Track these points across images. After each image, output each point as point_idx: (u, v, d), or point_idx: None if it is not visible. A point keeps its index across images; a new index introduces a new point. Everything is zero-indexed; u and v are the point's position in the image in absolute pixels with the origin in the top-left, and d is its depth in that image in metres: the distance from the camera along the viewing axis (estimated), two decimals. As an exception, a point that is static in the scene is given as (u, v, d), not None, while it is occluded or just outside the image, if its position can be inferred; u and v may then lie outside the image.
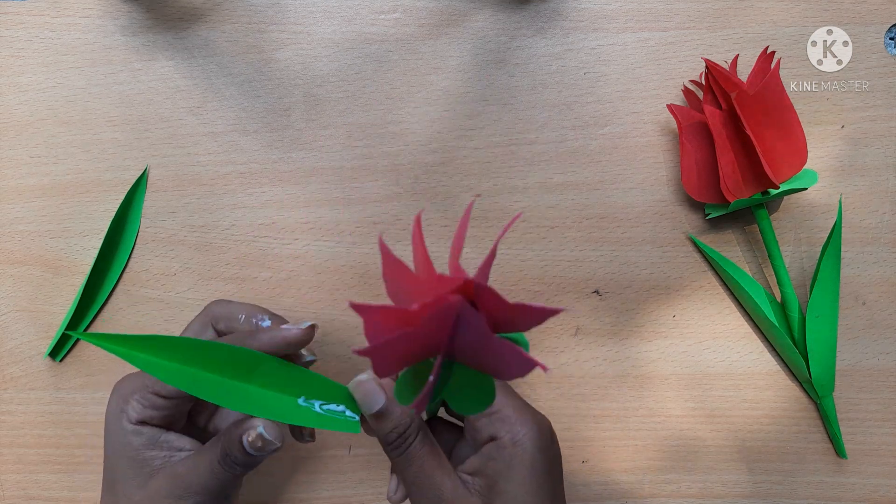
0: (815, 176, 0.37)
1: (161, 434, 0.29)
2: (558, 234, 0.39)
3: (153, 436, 0.28)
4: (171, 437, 0.29)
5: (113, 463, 0.29)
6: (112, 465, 0.29)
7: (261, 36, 0.40)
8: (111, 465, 0.29)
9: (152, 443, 0.28)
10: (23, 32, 0.40)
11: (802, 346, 0.37)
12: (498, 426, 0.28)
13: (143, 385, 0.29)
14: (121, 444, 0.28)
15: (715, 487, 0.39)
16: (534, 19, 0.39)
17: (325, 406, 0.28)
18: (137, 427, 0.28)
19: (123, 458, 0.28)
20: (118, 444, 0.28)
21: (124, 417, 0.28)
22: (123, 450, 0.28)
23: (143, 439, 0.28)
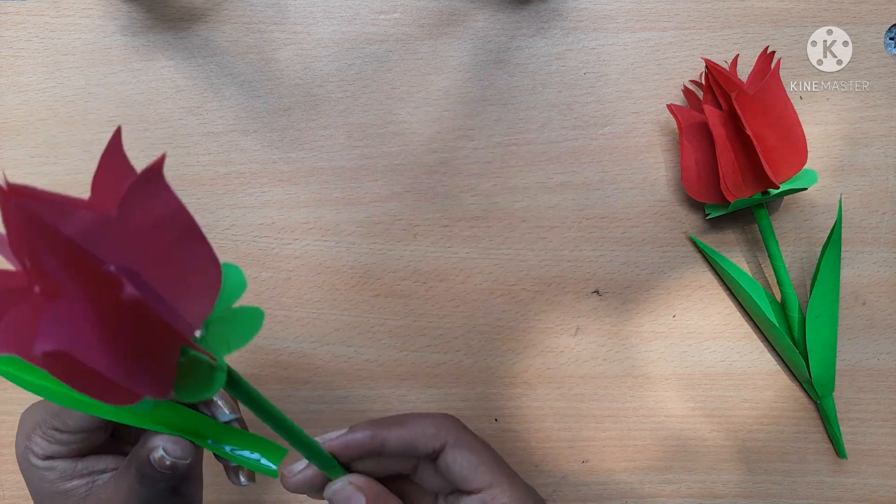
0: (815, 176, 0.37)
1: (77, 463, 0.26)
2: (558, 234, 0.39)
3: (67, 468, 0.26)
4: (90, 462, 0.27)
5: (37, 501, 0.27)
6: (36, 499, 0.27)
7: (261, 36, 0.40)
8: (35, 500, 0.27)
9: (69, 474, 0.26)
10: (23, 32, 0.40)
11: (802, 346, 0.37)
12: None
13: (42, 420, 0.26)
14: (37, 481, 0.26)
15: (715, 487, 0.39)
16: (534, 19, 0.39)
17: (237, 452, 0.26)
18: (48, 462, 0.26)
19: (43, 494, 0.26)
20: (34, 480, 0.26)
21: (31, 454, 0.26)
22: (41, 486, 0.26)
23: (56, 474, 0.26)
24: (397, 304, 0.39)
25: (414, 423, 0.27)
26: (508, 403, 0.39)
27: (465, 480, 0.27)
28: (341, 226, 0.39)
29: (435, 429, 0.27)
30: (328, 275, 0.39)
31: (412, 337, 0.39)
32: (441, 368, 0.39)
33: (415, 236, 0.39)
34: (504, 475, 0.27)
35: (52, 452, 0.26)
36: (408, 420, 0.28)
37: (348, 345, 0.39)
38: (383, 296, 0.39)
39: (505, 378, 0.39)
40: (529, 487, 0.28)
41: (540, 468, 0.39)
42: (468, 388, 0.39)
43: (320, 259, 0.39)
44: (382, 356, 0.39)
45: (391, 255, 0.39)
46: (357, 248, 0.39)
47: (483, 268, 0.39)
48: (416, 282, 0.39)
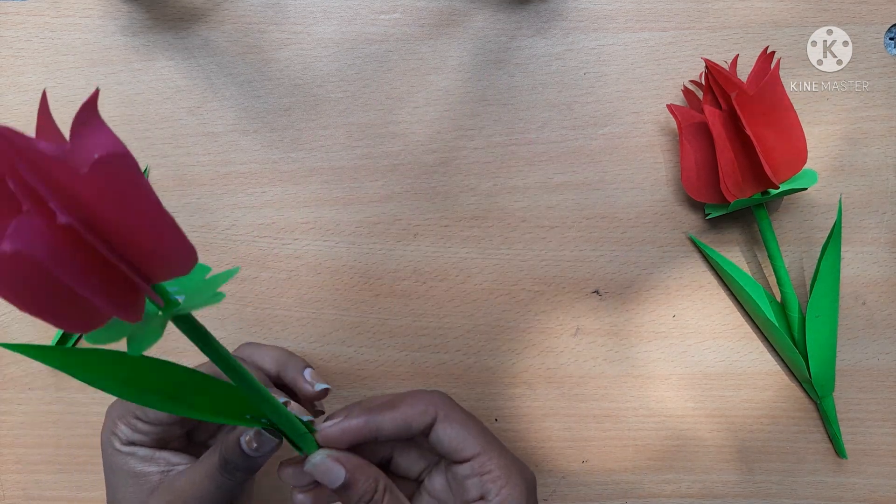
0: (815, 176, 0.37)
1: (154, 453, 0.29)
2: (558, 234, 0.39)
3: (145, 454, 0.29)
4: (166, 455, 0.29)
5: (113, 483, 0.29)
6: (112, 484, 0.29)
7: (261, 36, 0.40)
8: (111, 485, 0.29)
9: (147, 460, 0.29)
10: (23, 32, 0.40)
11: (802, 346, 0.37)
12: (489, 486, 0.28)
13: (127, 410, 0.29)
14: (117, 464, 0.29)
15: (715, 487, 0.39)
16: (534, 19, 0.39)
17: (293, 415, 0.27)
18: (130, 447, 0.29)
19: (121, 476, 0.29)
20: (114, 463, 0.29)
21: (115, 440, 0.29)
22: (120, 468, 0.29)
23: (135, 459, 0.29)
24: (397, 304, 0.39)
25: (405, 404, 0.29)
26: (508, 403, 0.39)
27: (456, 451, 0.28)
28: (341, 226, 0.39)
29: (425, 405, 0.29)
30: (328, 275, 0.39)
31: (412, 337, 0.39)
32: (441, 368, 0.39)
33: (415, 236, 0.39)
34: (492, 445, 0.29)
35: (133, 439, 0.29)
36: (399, 401, 0.29)
37: (348, 345, 0.39)
38: (383, 296, 0.39)
39: (505, 378, 0.39)
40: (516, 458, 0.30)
41: (540, 468, 0.39)
42: (468, 388, 0.39)
43: (320, 259, 0.39)
44: (382, 356, 0.39)
45: (391, 255, 0.39)
46: (357, 248, 0.39)
47: (483, 268, 0.39)
48: (416, 282, 0.39)
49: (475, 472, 0.28)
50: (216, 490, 0.28)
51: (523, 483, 0.28)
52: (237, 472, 0.28)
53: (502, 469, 0.28)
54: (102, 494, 0.39)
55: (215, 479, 0.28)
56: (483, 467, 0.28)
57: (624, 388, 0.39)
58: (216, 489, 0.28)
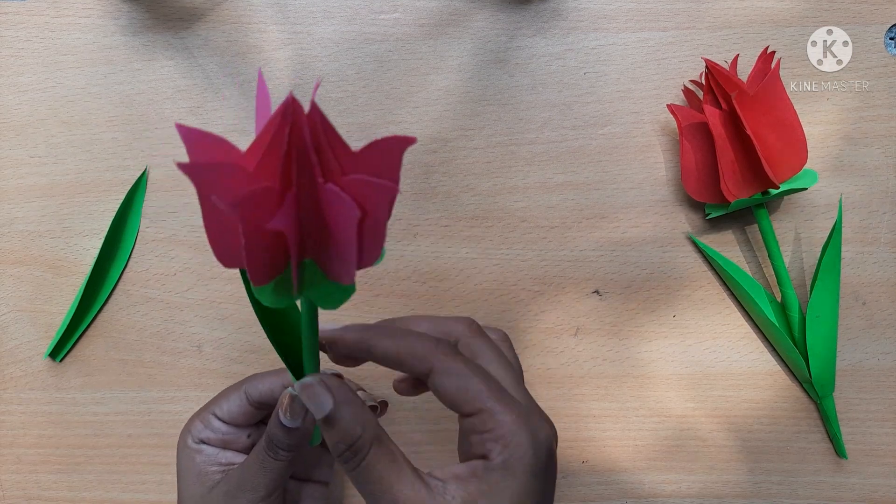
0: (815, 176, 0.37)
1: (220, 452, 0.31)
2: (558, 234, 0.39)
3: (212, 453, 0.31)
4: (229, 455, 0.31)
5: (182, 481, 0.31)
6: (181, 483, 0.31)
7: (261, 36, 0.40)
8: (180, 484, 0.31)
9: (211, 460, 0.31)
10: (23, 32, 0.40)
11: (802, 346, 0.37)
12: (490, 444, 0.25)
13: (205, 408, 0.32)
14: (187, 461, 0.31)
15: (715, 487, 0.39)
16: (534, 19, 0.39)
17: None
18: (199, 445, 0.31)
19: (189, 474, 0.31)
20: (185, 461, 0.31)
21: (189, 437, 0.31)
22: (189, 466, 0.31)
23: (203, 456, 0.31)
24: (397, 304, 0.39)
25: (405, 339, 0.27)
26: (508, 403, 0.39)
27: (455, 405, 0.26)
28: (341, 226, 0.39)
29: (423, 350, 0.27)
30: (328, 275, 0.39)
31: (412, 337, 0.39)
32: (441, 368, 0.39)
33: (415, 236, 0.39)
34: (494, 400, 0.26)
35: (204, 437, 0.31)
36: (402, 334, 0.27)
37: (348, 345, 0.39)
38: (383, 296, 0.39)
39: (505, 378, 0.39)
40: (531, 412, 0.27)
41: (540, 468, 0.39)
42: (468, 388, 0.39)
43: (320, 259, 0.39)
44: (382, 356, 0.39)
45: (391, 255, 0.39)
46: (357, 248, 0.39)
47: (483, 268, 0.39)
48: (416, 282, 0.39)
49: (476, 428, 0.26)
50: (262, 472, 0.29)
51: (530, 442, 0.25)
52: (279, 451, 0.28)
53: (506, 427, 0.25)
54: (102, 494, 0.40)
55: (262, 462, 0.29)
56: (484, 425, 0.25)
57: (624, 388, 0.39)
58: (263, 471, 0.29)
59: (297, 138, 0.18)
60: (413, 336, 0.27)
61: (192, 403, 0.39)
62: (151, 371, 0.40)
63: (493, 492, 0.25)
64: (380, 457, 0.25)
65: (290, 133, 0.18)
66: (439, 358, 0.26)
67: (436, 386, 0.26)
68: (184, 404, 0.39)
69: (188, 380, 0.40)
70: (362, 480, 0.25)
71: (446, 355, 0.27)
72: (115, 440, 0.40)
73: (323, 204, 0.19)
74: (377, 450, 0.25)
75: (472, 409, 0.26)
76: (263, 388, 0.31)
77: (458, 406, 0.26)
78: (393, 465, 0.25)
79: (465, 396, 0.26)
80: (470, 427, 0.26)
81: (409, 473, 0.25)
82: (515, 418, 0.25)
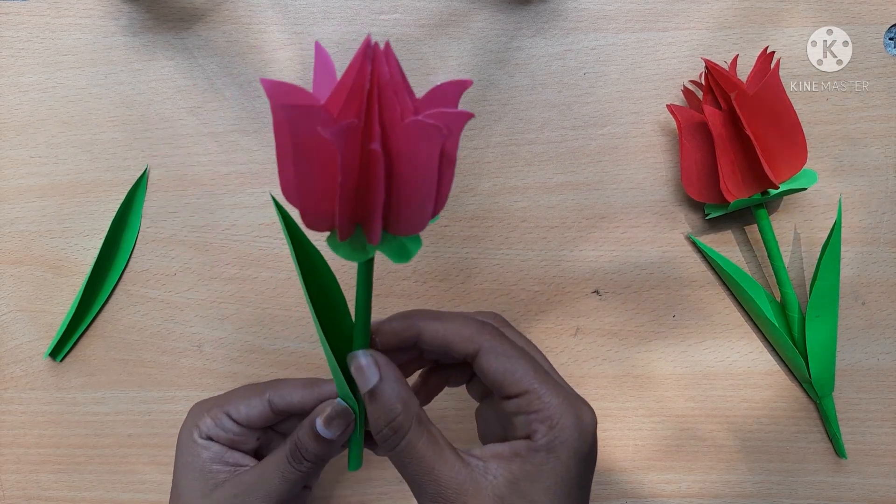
0: (814, 176, 0.37)
1: (227, 452, 0.30)
2: (558, 234, 0.39)
3: (219, 451, 0.30)
4: (237, 456, 0.30)
5: (181, 474, 0.30)
6: (179, 476, 0.30)
7: (261, 36, 0.40)
8: (178, 477, 0.30)
9: (218, 458, 0.30)
10: (23, 32, 0.40)
11: (802, 346, 0.37)
12: (536, 425, 0.25)
13: (217, 404, 0.31)
14: (190, 456, 0.30)
15: (715, 487, 0.39)
16: (534, 19, 0.39)
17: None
18: (206, 441, 0.30)
19: (191, 469, 0.30)
20: (188, 455, 0.30)
21: (196, 431, 0.30)
22: (192, 462, 0.30)
23: (209, 453, 0.30)
24: (397, 304, 0.39)
25: (452, 322, 0.27)
26: (508, 403, 0.39)
27: (501, 386, 0.26)
28: (341, 226, 0.39)
29: (471, 332, 0.27)
30: (328, 275, 0.39)
31: (412, 337, 0.39)
32: (441, 368, 0.39)
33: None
34: (543, 382, 0.26)
35: (213, 434, 0.30)
36: (448, 317, 0.28)
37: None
38: (383, 296, 0.39)
39: (505, 378, 0.39)
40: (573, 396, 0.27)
41: (540, 468, 0.39)
42: (468, 387, 0.39)
43: (320, 259, 0.39)
44: (382, 356, 0.39)
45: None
46: (357, 248, 0.39)
47: (483, 268, 0.39)
48: (416, 282, 0.39)
49: (521, 409, 0.26)
50: (282, 482, 0.28)
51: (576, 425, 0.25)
52: (305, 462, 0.28)
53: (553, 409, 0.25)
54: (102, 494, 0.40)
55: (282, 471, 0.28)
56: (531, 405, 0.26)
57: (624, 388, 0.39)
58: (282, 481, 0.28)
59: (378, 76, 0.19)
60: (459, 318, 0.28)
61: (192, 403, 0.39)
62: (151, 371, 0.40)
63: (537, 472, 0.25)
64: (420, 436, 0.25)
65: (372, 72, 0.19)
66: (486, 339, 0.27)
67: (483, 366, 0.27)
68: (184, 404, 0.39)
69: (188, 380, 0.40)
70: (403, 460, 0.26)
71: (493, 336, 0.27)
72: (115, 440, 0.40)
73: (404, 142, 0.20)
74: (417, 429, 0.26)
75: (519, 389, 0.26)
76: (292, 399, 0.31)
77: (505, 387, 0.26)
78: (433, 445, 0.25)
79: (512, 377, 0.26)
80: (515, 408, 0.26)
81: (450, 453, 0.26)
82: (562, 401, 0.26)
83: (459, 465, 0.25)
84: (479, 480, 0.25)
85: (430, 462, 0.25)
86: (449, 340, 0.27)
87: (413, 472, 0.26)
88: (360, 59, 0.19)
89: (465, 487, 0.25)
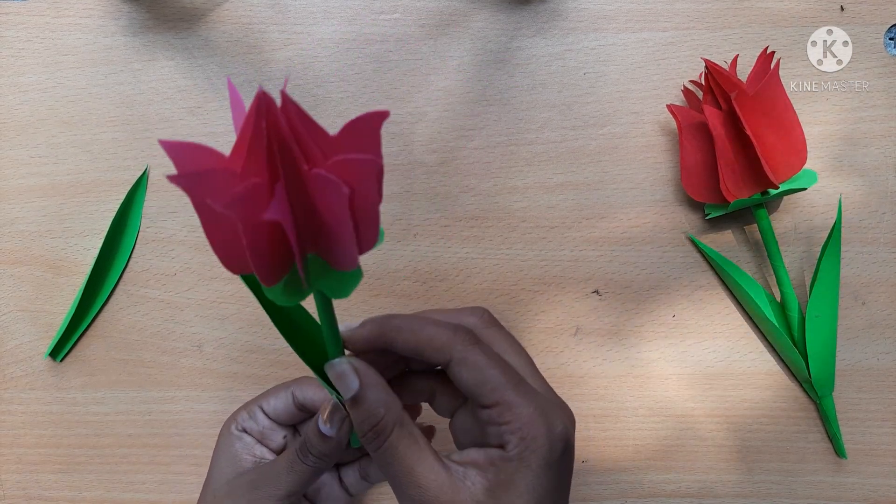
0: (814, 176, 0.37)
1: (256, 445, 0.33)
2: (558, 234, 0.39)
3: (250, 443, 0.33)
4: (263, 450, 0.33)
5: (215, 462, 0.33)
6: (214, 463, 0.33)
7: (261, 36, 0.40)
8: (213, 464, 0.33)
9: (248, 449, 0.33)
10: (23, 33, 0.40)
11: (802, 346, 0.37)
12: (507, 436, 0.26)
13: (252, 401, 0.34)
14: (225, 446, 0.33)
15: (715, 487, 0.39)
16: (534, 19, 0.39)
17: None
18: (240, 433, 0.33)
19: (224, 455, 0.33)
20: (224, 445, 0.33)
21: (234, 424, 0.33)
22: (226, 450, 0.33)
23: (242, 444, 0.33)
24: (397, 304, 0.39)
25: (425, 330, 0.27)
26: (508, 403, 0.39)
27: (474, 395, 0.27)
28: (341, 226, 0.39)
29: (442, 341, 0.27)
30: (328, 275, 0.39)
31: (412, 337, 0.39)
32: (441, 368, 0.39)
33: (415, 236, 0.39)
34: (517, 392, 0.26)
35: (247, 427, 0.33)
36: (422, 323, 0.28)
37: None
38: (383, 296, 0.39)
39: (505, 378, 0.39)
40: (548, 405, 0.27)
41: (540, 468, 0.39)
42: (468, 387, 0.39)
43: (320, 259, 0.39)
44: (382, 356, 0.39)
45: (391, 255, 0.39)
46: (357, 248, 0.39)
47: (483, 268, 0.39)
48: (416, 282, 0.39)
49: (493, 420, 0.26)
50: (289, 472, 0.30)
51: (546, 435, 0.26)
52: (310, 456, 0.29)
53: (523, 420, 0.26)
54: (102, 494, 0.40)
55: (291, 462, 0.30)
56: (502, 417, 0.26)
57: (624, 388, 0.39)
58: (289, 471, 0.30)
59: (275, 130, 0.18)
60: (431, 326, 0.27)
61: (192, 403, 0.39)
62: (151, 371, 0.40)
63: (510, 481, 0.25)
64: (402, 438, 0.26)
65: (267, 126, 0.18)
66: (458, 349, 0.27)
67: (455, 376, 0.27)
68: (184, 404, 0.39)
69: (188, 380, 0.40)
70: (385, 461, 0.26)
71: (465, 345, 0.27)
72: (115, 440, 0.40)
73: (312, 191, 0.19)
74: (399, 431, 0.26)
75: (490, 401, 0.26)
76: (310, 393, 0.33)
77: (477, 397, 0.27)
78: (415, 447, 0.26)
79: (482, 389, 0.26)
80: (488, 418, 0.26)
81: (431, 456, 0.26)
82: (532, 411, 0.26)
83: (439, 468, 0.26)
84: (458, 485, 0.25)
85: (411, 463, 0.26)
86: (421, 350, 0.27)
87: (394, 473, 0.26)
88: (252, 114, 0.18)
89: (444, 490, 0.25)
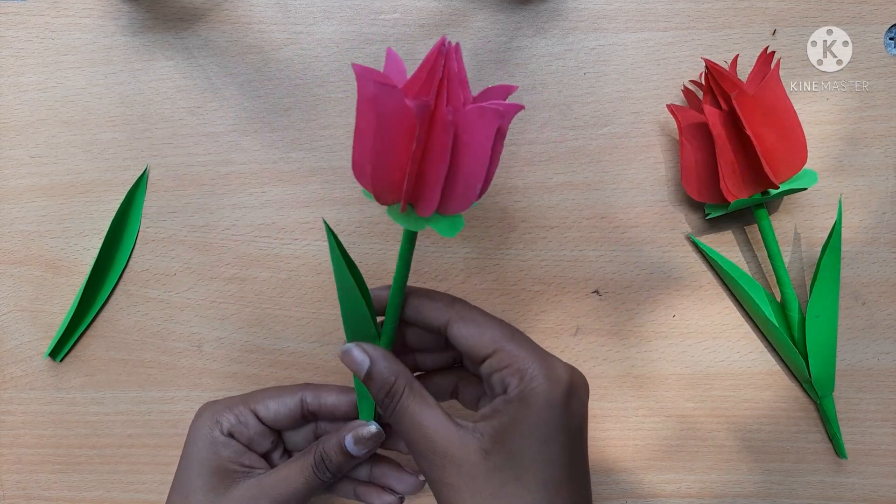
0: (814, 176, 0.37)
1: (245, 452, 0.31)
2: (558, 234, 0.39)
3: (238, 451, 0.31)
4: (253, 458, 0.31)
5: (193, 471, 0.30)
6: (191, 472, 0.30)
7: (261, 36, 0.40)
8: (190, 473, 0.30)
9: (236, 458, 0.30)
10: (23, 32, 0.40)
11: (802, 346, 0.37)
12: (508, 379, 0.27)
13: (243, 401, 0.32)
14: (207, 453, 0.30)
15: (715, 487, 0.39)
16: (534, 19, 0.39)
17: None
18: (228, 439, 0.31)
19: (206, 466, 0.30)
20: (204, 451, 0.30)
21: (217, 428, 0.31)
22: (207, 458, 0.30)
23: (228, 450, 0.30)
24: (397, 304, 0.39)
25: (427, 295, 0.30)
26: (508, 403, 0.39)
27: (472, 349, 0.28)
28: (341, 226, 0.39)
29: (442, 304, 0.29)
30: (328, 275, 0.39)
31: (412, 337, 0.39)
32: (441, 368, 0.39)
33: (415, 236, 0.39)
34: (514, 341, 0.28)
35: (235, 432, 0.31)
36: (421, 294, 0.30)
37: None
38: (383, 296, 0.39)
39: (505, 378, 0.39)
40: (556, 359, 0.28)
41: (540, 468, 0.39)
42: (468, 388, 0.39)
43: (320, 259, 0.39)
44: (382, 356, 0.39)
45: (391, 255, 0.39)
46: (357, 248, 0.39)
47: (483, 268, 0.39)
48: (417, 282, 0.39)
49: (494, 368, 0.27)
50: (304, 488, 0.30)
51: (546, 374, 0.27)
52: (326, 473, 0.30)
53: (522, 360, 0.27)
54: (102, 494, 0.40)
55: (306, 477, 0.30)
56: (501, 362, 0.27)
57: (624, 388, 0.39)
58: (304, 487, 0.30)
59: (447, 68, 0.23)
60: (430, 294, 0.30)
61: (192, 403, 0.39)
62: (151, 371, 0.40)
63: (513, 423, 0.26)
64: (413, 398, 0.28)
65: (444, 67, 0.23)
66: (456, 309, 0.29)
67: (454, 334, 0.29)
68: (184, 404, 0.39)
69: (188, 380, 0.40)
70: (399, 421, 0.28)
71: (463, 306, 0.29)
72: (115, 440, 0.40)
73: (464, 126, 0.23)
74: (410, 393, 0.28)
75: (489, 350, 0.28)
76: (326, 401, 0.32)
77: (476, 349, 0.28)
78: (424, 406, 0.28)
79: (480, 339, 0.28)
80: (489, 369, 0.28)
81: (440, 414, 0.27)
82: (530, 353, 0.27)
83: (449, 424, 0.27)
84: (467, 438, 0.26)
85: (421, 420, 0.27)
86: (423, 312, 0.29)
87: (407, 430, 0.27)
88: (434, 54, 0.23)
89: (452, 441, 0.26)
